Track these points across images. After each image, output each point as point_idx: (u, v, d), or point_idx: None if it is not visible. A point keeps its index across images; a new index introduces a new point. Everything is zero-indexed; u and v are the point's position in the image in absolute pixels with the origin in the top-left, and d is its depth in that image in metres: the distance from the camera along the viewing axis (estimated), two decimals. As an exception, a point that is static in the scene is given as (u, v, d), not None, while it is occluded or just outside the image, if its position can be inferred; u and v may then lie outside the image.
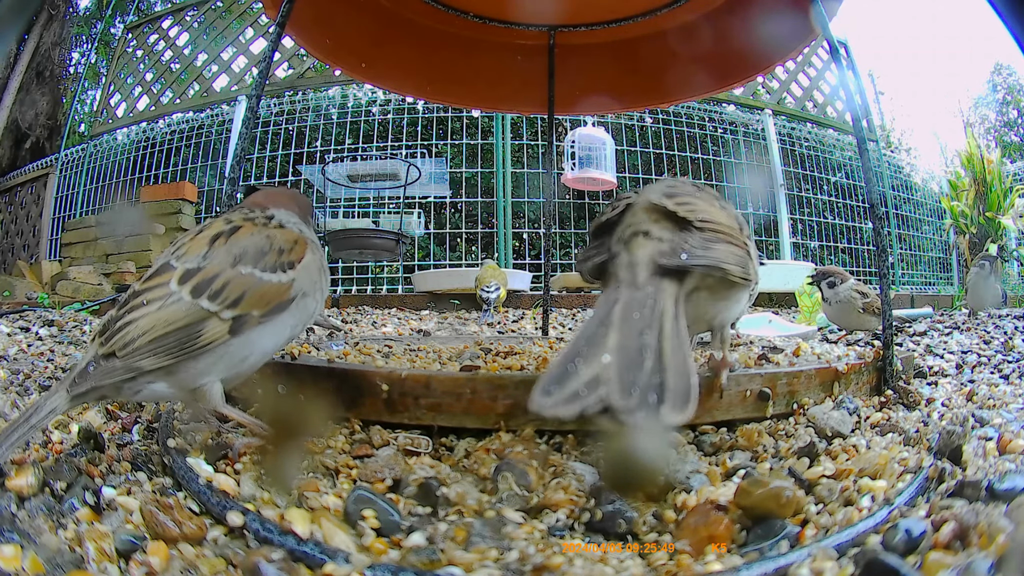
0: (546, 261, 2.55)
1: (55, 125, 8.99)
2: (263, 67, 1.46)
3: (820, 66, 7.27)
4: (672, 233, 0.84)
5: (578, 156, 5.08)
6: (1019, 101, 15.90)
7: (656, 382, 0.60)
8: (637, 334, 0.65)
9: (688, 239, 0.83)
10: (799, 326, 3.16)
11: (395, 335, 2.63)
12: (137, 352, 0.81)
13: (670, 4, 1.85)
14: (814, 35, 1.66)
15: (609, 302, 0.72)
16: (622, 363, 0.61)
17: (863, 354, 1.36)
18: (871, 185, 1.37)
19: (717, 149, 6.89)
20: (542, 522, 0.74)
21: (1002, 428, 1.02)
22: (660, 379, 0.60)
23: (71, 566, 0.64)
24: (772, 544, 0.66)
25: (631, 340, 0.64)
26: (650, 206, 0.88)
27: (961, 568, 0.59)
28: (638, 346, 0.64)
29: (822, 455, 0.92)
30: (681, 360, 0.63)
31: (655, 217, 0.87)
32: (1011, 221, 7.02)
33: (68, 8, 9.36)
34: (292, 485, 0.79)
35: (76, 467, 0.84)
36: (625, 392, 0.58)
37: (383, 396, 1.01)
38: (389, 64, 2.04)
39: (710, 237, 0.85)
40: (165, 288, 0.85)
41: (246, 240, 0.91)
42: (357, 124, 6.45)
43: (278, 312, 0.90)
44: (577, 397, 0.59)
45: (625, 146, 6.31)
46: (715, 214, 0.89)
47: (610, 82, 2.20)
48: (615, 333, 0.66)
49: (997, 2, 0.69)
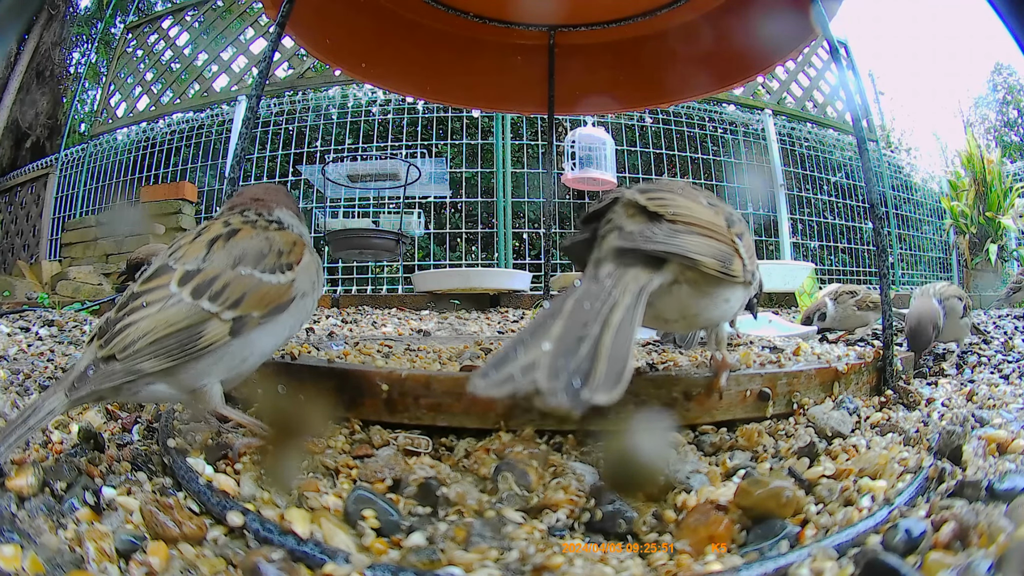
0: (546, 261, 2.55)
1: (55, 125, 8.99)
2: (263, 67, 1.46)
3: (820, 66, 7.27)
4: (640, 226, 0.85)
5: (578, 156, 5.08)
6: (1019, 101, 15.89)
7: (585, 368, 0.62)
8: (581, 324, 0.67)
9: (653, 229, 0.84)
10: (799, 326, 3.15)
11: (395, 335, 2.63)
12: (138, 355, 0.81)
13: (670, 4, 1.85)
14: (814, 35, 1.66)
15: (566, 294, 0.74)
16: (557, 350, 0.63)
17: (863, 354, 1.36)
18: (871, 185, 1.37)
19: (717, 149, 6.89)
20: (542, 522, 0.74)
21: (1002, 428, 1.02)
22: (589, 365, 0.62)
23: (71, 566, 0.64)
24: (772, 544, 0.66)
25: (573, 330, 0.66)
26: (628, 202, 0.89)
27: (961, 568, 0.59)
28: (578, 335, 0.65)
29: (822, 455, 0.92)
30: (620, 347, 0.65)
31: (631, 213, 0.88)
32: (1011, 221, 7.02)
33: (68, 8, 9.36)
34: (292, 485, 0.79)
35: (76, 467, 0.84)
36: (552, 376, 0.60)
37: (383, 396, 1.01)
38: (389, 64, 2.04)
39: (680, 228, 0.85)
40: (165, 290, 0.85)
41: (246, 242, 0.91)
42: (357, 124, 6.45)
43: (278, 313, 0.90)
44: (511, 380, 0.60)
45: (625, 146, 6.31)
46: (694, 209, 0.89)
47: (610, 82, 2.21)
48: (560, 322, 0.67)
49: (997, 2, 0.69)
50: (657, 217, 0.86)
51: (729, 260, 0.88)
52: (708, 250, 0.85)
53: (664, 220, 0.85)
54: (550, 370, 0.60)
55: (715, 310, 0.95)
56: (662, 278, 0.82)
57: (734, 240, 0.92)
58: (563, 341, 0.64)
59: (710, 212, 0.92)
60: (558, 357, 0.62)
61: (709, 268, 0.84)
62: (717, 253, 0.86)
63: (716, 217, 0.92)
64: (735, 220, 0.96)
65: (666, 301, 0.87)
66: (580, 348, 0.64)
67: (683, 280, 0.86)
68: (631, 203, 0.88)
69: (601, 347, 0.64)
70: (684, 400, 1.02)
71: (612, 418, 0.97)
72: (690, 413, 1.02)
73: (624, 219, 0.87)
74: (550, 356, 0.62)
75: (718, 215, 0.93)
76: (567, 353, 0.63)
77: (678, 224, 0.85)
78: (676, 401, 1.02)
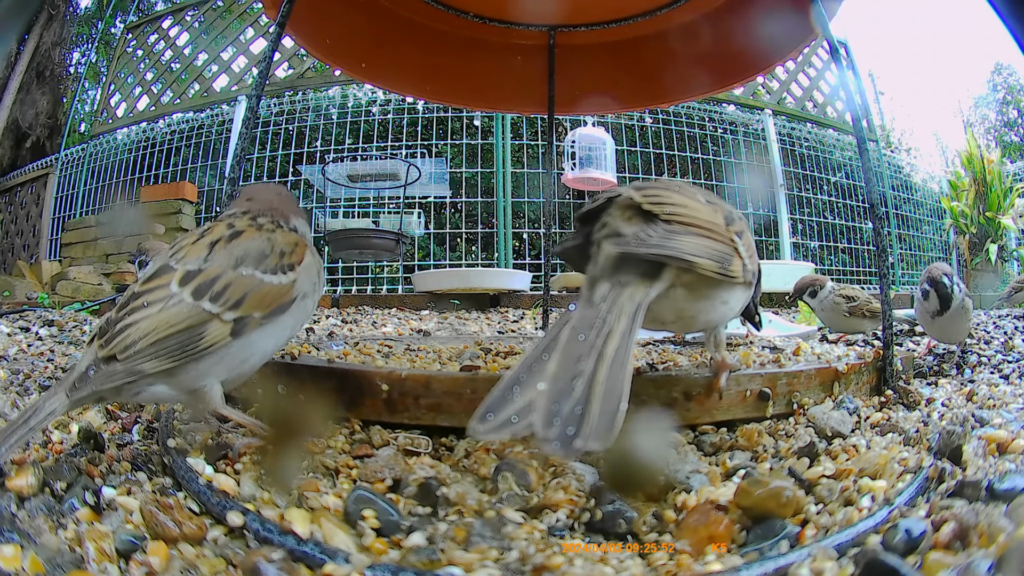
0: (546, 261, 2.55)
1: (55, 125, 8.99)
2: (263, 67, 1.46)
3: (820, 66, 7.27)
4: (635, 228, 0.83)
5: (578, 156, 5.08)
6: (1019, 101, 15.89)
7: (578, 413, 0.62)
8: (575, 361, 0.67)
9: (649, 231, 0.81)
10: (799, 326, 3.16)
11: (395, 335, 2.63)
12: (139, 355, 0.81)
13: (670, 4, 1.85)
14: (814, 35, 1.66)
15: (561, 323, 0.73)
16: (552, 391, 0.64)
17: (863, 354, 1.36)
18: (871, 185, 1.37)
19: (717, 149, 6.89)
20: (542, 522, 0.74)
21: (1002, 428, 1.02)
22: (583, 409, 0.62)
23: (71, 566, 0.64)
24: (772, 544, 0.66)
25: (567, 367, 0.66)
26: (625, 202, 0.86)
27: (961, 568, 0.59)
28: (572, 374, 0.66)
29: (822, 455, 0.92)
30: (615, 381, 0.65)
31: (628, 215, 0.85)
32: (1011, 221, 7.02)
33: (68, 8, 9.36)
34: (292, 485, 0.79)
35: (76, 467, 0.84)
36: (547, 423, 0.61)
37: (383, 396, 1.01)
38: (389, 64, 2.04)
39: (676, 229, 0.82)
40: (166, 290, 0.85)
41: (247, 242, 0.91)
42: (357, 124, 6.45)
43: (279, 314, 0.90)
44: (508, 424, 0.62)
45: (625, 146, 6.31)
46: (690, 208, 0.86)
47: (610, 82, 2.20)
48: (555, 358, 0.67)
49: (997, 2, 0.69)
50: (653, 217, 0.83)
51: (728, 260, 0.85)
52: (705, 251, 0.83)
53: (660, 220, 0.83)
54: (545, 415, 0.61)
55: (713, 312, 0.93)
56: (660, 286, 0.81)
57: (733, 239, 0.89)
58: (558, 380, 0.65)
59: (708, 210, 0.89)
60: (552, 401, 0.63)
61: (706, 270, 0.82)
62: (714, 254, 0.84)
63: (714, 215, 0.89)
64: (734, 218, 0.93)
65: (663, 305, 0.85)
66: (574, 389, 0.64)
67: (679, 284, 0.84)
68: (627, 202, 0.86)
69: (595, 386, 0.64)
70: (684, 400, 1.02)
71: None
72: (690, 413, 1.02)
73: (620, 222, 0.85)
74: (545, 399, 0.63)
75: (716, 213, 0.90)
76: (561, 395, 0.63)
77: (674, 224, 0.83)
78: (676, 401, 1.02)
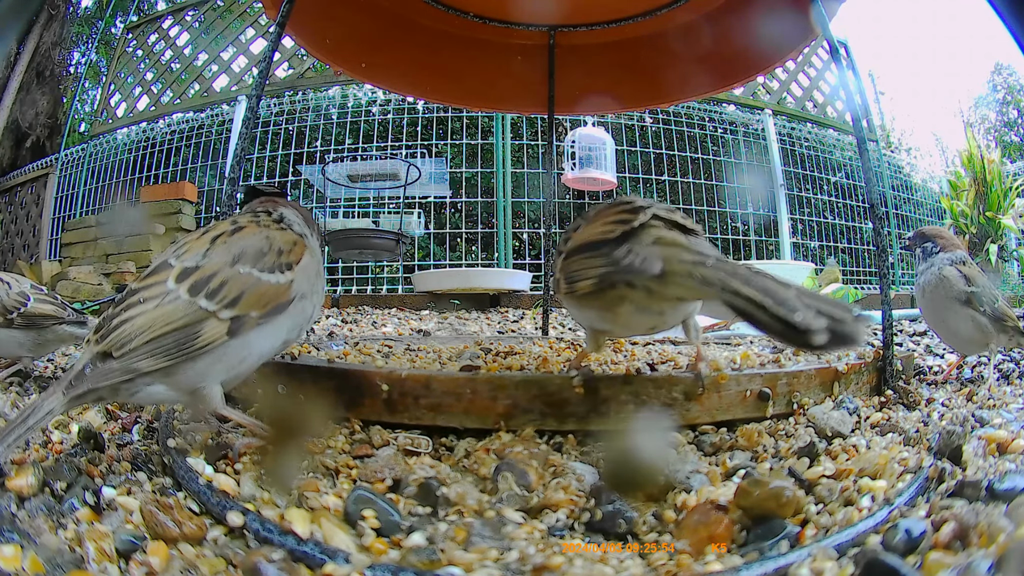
0: (546, 261, 2.55)
1: (55, 125, 8.98)
2: (263, 67, 1.46)
3: (820, 66, 7.26)
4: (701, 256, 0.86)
5: (578, 156, 5.07)
6: (1019, 101, 15.88)
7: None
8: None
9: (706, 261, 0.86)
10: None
11: (395, 335, 2.63)
12: (134, 353, 0.80)
13: (670, 4, 1.85)
14: (814, 35, 1.66)
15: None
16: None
17: (863, 354, 1.36)
18: (871, 185, 1.37)
19: (717, 149, 6.88)
20: (542, 522, 0.74)
21: (1002, 428, 1.02)
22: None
23: (71, 566, 0.64)
24: (772, 544, 0.66)
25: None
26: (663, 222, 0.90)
27: (961, 568, 0.59)
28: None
29: (822, 455, 0.92)
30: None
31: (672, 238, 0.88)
32: (1011, 221, 7.01)
33: (68, 8, 9.35)
34: (292, 485, 0.79)
35: (76, 467, 0.84)
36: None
37: (383, 396, 1.01)
38: (389, 64, 2.04)
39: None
40: (162, 286, 0.84)
41: (245, 240, 0.91)
42: (357, 124, 6.44)
43: (277, 314, 0.89)
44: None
45: (625, 146, 6.30)
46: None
47: (610, 82, 2.21)
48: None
49: (997, 2, 0.69)
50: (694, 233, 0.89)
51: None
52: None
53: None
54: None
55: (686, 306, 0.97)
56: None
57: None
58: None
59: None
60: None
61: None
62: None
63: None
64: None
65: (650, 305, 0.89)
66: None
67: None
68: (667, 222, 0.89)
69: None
70: (684, 400, 1.02)
71: (612, 418, 0.97)
72: (690, 413, 1.02)
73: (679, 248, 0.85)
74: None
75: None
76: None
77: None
78: (676, 401, 1.02)
